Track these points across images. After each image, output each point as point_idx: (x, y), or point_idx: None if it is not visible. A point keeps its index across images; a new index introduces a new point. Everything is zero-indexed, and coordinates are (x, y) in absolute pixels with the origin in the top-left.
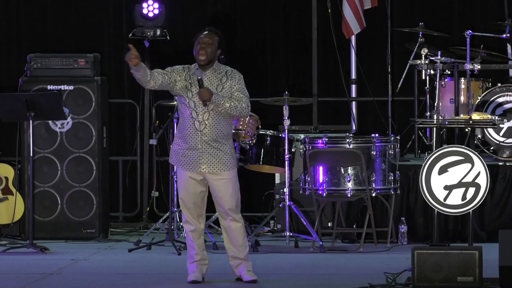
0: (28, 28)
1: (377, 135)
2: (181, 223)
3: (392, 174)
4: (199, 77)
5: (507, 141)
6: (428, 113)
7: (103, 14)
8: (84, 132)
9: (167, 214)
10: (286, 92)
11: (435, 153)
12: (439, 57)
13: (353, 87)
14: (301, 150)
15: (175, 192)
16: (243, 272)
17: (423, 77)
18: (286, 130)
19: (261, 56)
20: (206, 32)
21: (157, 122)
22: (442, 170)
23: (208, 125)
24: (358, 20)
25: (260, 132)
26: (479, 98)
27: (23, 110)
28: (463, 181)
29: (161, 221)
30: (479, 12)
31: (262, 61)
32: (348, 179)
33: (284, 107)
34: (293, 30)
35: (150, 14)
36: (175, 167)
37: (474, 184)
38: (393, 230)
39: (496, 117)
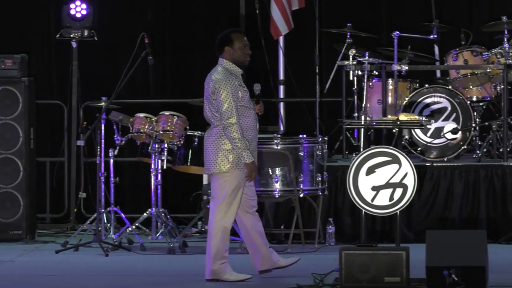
0: None
1: (305, 136)
2: (108, 224)
3: (320, 175)
4: (258, 92)
5: (434, 141)
6: (356, 114)
7: (30, 14)
8: (11, 133)
9: (95, 215)
10: None
11: (362, 154)
12: (366, 58)
13: (281, 88)
14: None
15: (103, 193)
16: (279, 258)
17: (351, 78)
18: None
19: (189, 57)
20: (244, 34)
21: (85, 123)
22: (370, 171)
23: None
24: (286, 21)
25: (188, 133)
26: (406, 99)
27: None
28: (390, 181)
29: (88, 222)
30: (406, 13)
31: (190, 62)
32: (276, 179)
33: None
34: (221, 30)
35: (78, 15)
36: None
37: (401, 184)
38: (320, 230)
39: (423, 118)
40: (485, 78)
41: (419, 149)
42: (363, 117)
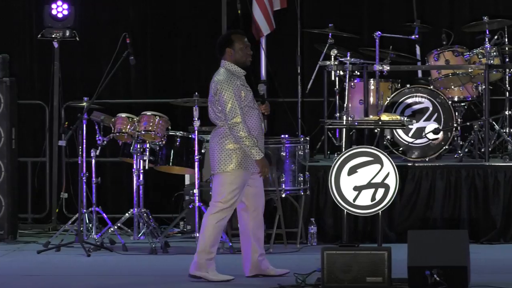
0: None
1: (286, 136)
2: (90, 225)
3: (301, 175)
4: (263, 92)
5: (416, 142)
6: (338, 114)
7: (12, 15)
8: None
9: (76, 215)
10: (196, 93)
11: (344, 154)
12: (348, 58)
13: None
14: None
15: (84, 194)
16: (269, 266)
17: (333, 78)
18: (196, 131)
19: (171, 57)
20: (244, 34)
21: (66, 123)
22: (352, 171)
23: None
24: (268, 21)
25: (170, 133)
26: (388, 99)
27: None
28: (372, 181)
29: (70, 222)
30: (388, 14)
31: (172, 62)
32: None
33: (194, 108)
34: (203, 31)
35: (60, 15)
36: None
37: (383, 184)
38: (302, 230)
39: (405, 118)
40: (466, 78)
41: (400, 149)
42: (345, 117)
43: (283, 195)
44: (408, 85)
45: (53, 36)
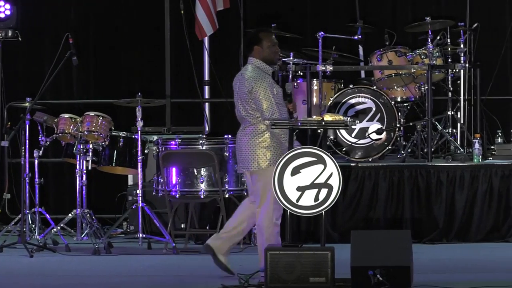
0: None
1: (230, 136)
2: (33, 225)
3: None
4: (290, 91)
5: (359, 142)
6: None
7: None
8: None
9: (19, 216)
10: (139, 94)
11: (287, 154)
12: (291, 58)
13: (206, 88)
14: (154, 152)
15: (27, 194)
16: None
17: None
18: (139, 132)
19: (114, 57)
20: (272, 32)
21: (9, 123)
22: (295, 171)
23: None
24: (211, 21)
25: (113, 133)
26: (331, 99)
27: None
28: (315, 182)
29: (13, 223)
30: (331, 14)
31: (115, 62)
32: (201, 180)
33: (137, 108)
34: (145, 30)
35: (2, 15)
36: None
37: (326, 185)
38: None
39: (348, 118)
40: (409, 79)
41: (344, 149)
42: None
43: (227, 196)
44: (351, 86)
45: None
